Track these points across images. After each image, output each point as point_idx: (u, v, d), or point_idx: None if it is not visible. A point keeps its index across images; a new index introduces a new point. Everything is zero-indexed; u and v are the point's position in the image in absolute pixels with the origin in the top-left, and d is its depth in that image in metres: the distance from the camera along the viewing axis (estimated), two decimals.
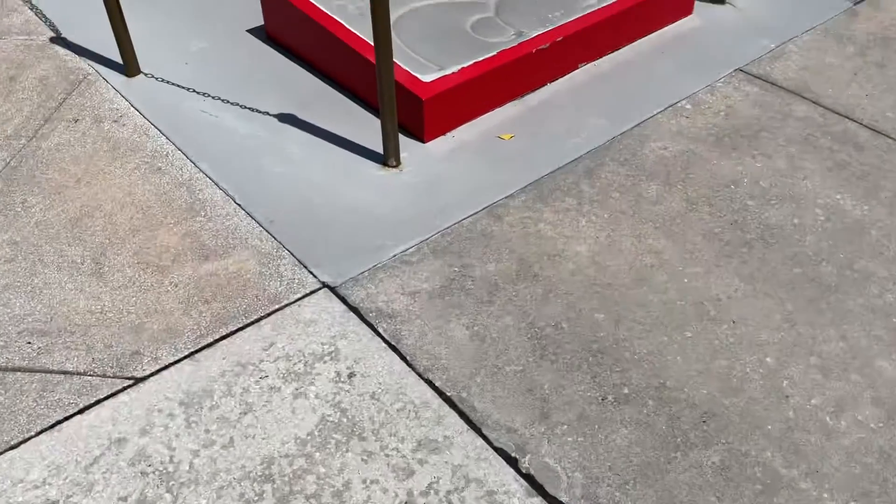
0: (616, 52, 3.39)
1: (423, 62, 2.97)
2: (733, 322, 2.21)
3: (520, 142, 2.90)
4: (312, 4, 3.22)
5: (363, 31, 3.08)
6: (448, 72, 2.92)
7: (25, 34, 3.55)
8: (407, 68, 2.92)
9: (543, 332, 2.18)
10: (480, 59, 2.98)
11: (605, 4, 3.31)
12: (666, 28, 3.54)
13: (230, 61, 3.35)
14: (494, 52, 3.02)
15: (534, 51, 3.04)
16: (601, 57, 3.35)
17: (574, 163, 2.79)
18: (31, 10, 3.74)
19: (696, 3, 3.65)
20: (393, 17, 3.20)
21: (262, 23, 3.54)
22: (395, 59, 2.94)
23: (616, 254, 2.43)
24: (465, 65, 2.95)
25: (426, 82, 2.86)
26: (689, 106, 3.06)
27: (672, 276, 2.35)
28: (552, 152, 2.84)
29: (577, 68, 3.28)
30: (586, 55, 3.29)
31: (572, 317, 2.23)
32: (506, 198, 2.65)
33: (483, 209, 2.60)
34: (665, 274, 2.36)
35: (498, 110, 3.07)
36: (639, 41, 3.46)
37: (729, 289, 2.31)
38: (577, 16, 3.23)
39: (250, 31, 3.57)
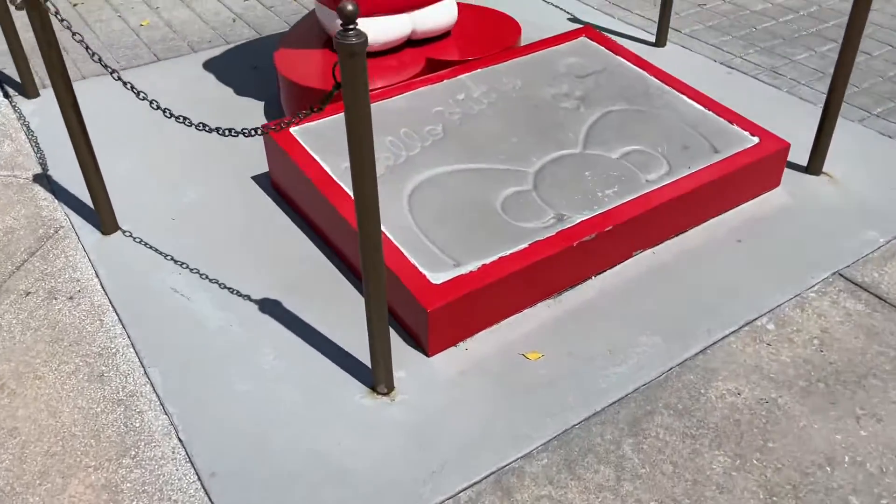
0: (682, 235, 2.77)
1: (436, 252, 2.41)
2: None
3: (549, 364, 2.29)
4: (315, 162, 2.73)
5: None
6: (464, 270, 2.35)
7: (9, 169, 3.18)
8: (414, 261, 2.37)
9: None
10: (507, 252, 2.41)
11: (671, 180, 2.70)
12: (746, 204, 2.91)
13: (223, 218, 2.88)
14: (526, 244, 2.44)
15: (575, 244, 2.46)
16: (662, 242, 2.73)
17: (616, 406, 2.16)
18: (27, 136, 3.40)
19: (785, 170, 3.01)
20: (410, 185, 2.68)
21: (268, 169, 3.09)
22: (400, 247, 2.41)
23: None
24: (486, 261, 2.38)
25: (435, 285, 2.29)
26: (771, 326, 2.40)
27: None
28: (589, 386, 2.22)
29: (631, 257, 2.67)
30: (643, 242, 2.68)
31: None
32: (522, 457, 2.03)
33: (490, 474, 1.99)
34: None
35: (527, 312, 2.48)
36: (712, 220, 2.84)
37: None
38: (635, 195, 2.64)
39: (255, 177, 3.11)
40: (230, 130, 2.09)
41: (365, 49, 1.64)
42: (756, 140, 2.90)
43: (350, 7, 1.58)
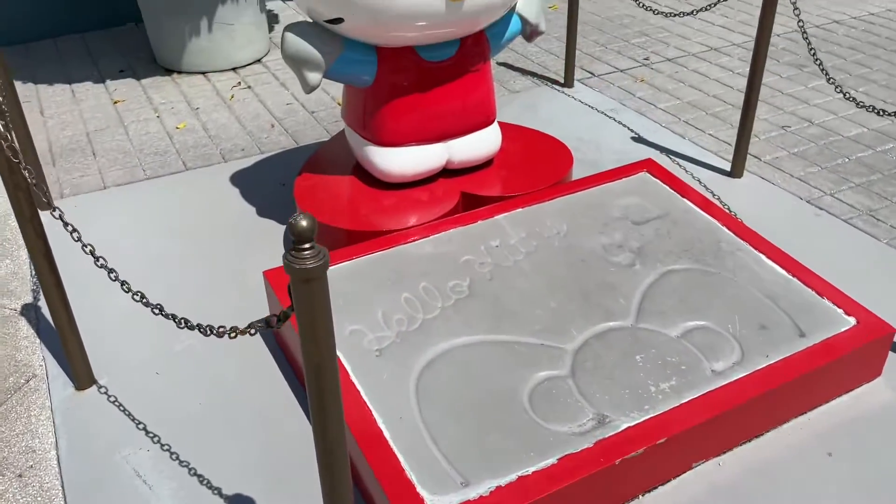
0: (755, 441, 2.23)
1: (441, 463, 1.95)
2: None
3: None
4: None
5: (373, 383, 2.14)
6: (474, 494, 1.87)
7: (1, 296, 2.91)
8: (412, 476, 1.91)
9: None
10: (529, 470, 1.93)
11: (744, 374, 2.19)
12: (838, 401, 2.35)
13: (212, 378, 2.50)
14: (555, 459, 1.96)
15: (617, 462, 1.96)
16: (730, 450, 2.21)
17: None
18: (27, 256, 3.15)
19: (889, 354, 2.45)
20: (422, 360, 2.24)
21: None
22: (398, 453, 1.96)
23: None
24: (502, 482, 1.91)
25: None
26: None
27: None
28: None
29: (690, 469, 2.15)
30: (706, 451, 2.16)
31: None
32: None
33: None
34: None
35: None
36: (793, 421, 2.30)
37: None
38: (698, 393, 2.13)
39: (257, 323, 2.73)
40: (185, 322, 1.72)
41: (326, 271, 1.24)
42: (852, 322, 2.36)
43: (304, 223, 1.19)
